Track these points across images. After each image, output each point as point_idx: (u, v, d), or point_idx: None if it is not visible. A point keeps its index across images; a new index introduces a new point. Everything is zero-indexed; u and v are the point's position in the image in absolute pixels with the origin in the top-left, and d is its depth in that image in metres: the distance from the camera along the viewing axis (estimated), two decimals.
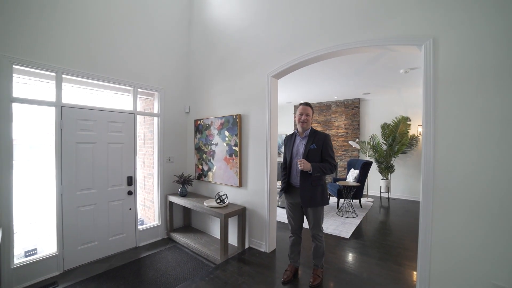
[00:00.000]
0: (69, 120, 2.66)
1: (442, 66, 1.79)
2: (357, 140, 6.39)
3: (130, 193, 3.23)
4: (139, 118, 4.12)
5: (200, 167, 3.76)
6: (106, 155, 2.99)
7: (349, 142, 6.31)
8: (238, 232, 3.10)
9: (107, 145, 3.01)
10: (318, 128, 7.17)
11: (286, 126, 8.15)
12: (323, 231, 2.42)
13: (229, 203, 3.25)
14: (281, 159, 8.33)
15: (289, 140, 2.45)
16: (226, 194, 3.18)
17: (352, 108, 6.65)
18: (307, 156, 2.23)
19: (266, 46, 2.95)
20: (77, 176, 2.73)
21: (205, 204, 3.10)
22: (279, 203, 5.06)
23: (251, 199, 3.12)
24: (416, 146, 5.78)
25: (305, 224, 2.51)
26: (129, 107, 3.30)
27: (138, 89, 3.37)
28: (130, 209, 3.25)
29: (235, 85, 3.28)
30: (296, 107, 7.83)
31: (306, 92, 6.10)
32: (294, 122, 7.85)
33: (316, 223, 2.30)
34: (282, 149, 8.29)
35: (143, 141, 4.29)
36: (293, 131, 2.48)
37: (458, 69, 1.74)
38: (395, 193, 6.07)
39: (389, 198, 5.95)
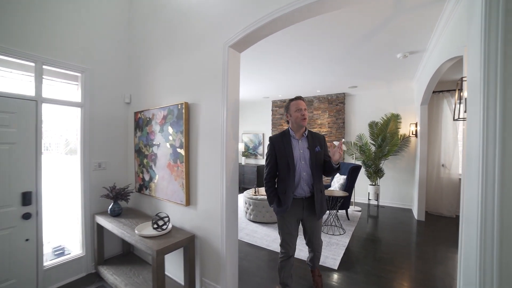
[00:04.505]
0: None
1: None
2: (342, 140, 5.66)
3: (27, 216, 2.20)
4: (77, 112, 3.00)
5: (141, 175, 2.78)
6: None
7: (334, 142, 5.55)
8: (185, 269, 2.18)
9: None
10: None
11: (262, 124, 7.29)
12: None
13: (173, 227, 2.31)
14: (252, 161, 7.43)
15: (280, 143, 2.05)
16: (168, 217, 2.23)
17: (336, 104, 5.92)
18: (314, 160, 2.05)
19: (224, 3, 2.05)
20: None
21: (136, 231, 2.14)
22: (251, 216, 4.17)
23: (202, 224, 2.20)
24: (408, 147, 5.14)
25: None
26: (30, 92, 2.27)
27: (45, 66, 2.35)
28: (27, 240, 2.22)
29: (184, 62, 2.34)
30: (274, 103, 6.97)
31: (285, 86, 5.28)
32: (272, 120, 7.01)
33: (320, 232, 2.20)
34: (265, 151, 7.42)
35: None
36: (280, 131, 1.96)
37: None
38: (384, 200, 5.40)
39: (377, 206, 5.26)
